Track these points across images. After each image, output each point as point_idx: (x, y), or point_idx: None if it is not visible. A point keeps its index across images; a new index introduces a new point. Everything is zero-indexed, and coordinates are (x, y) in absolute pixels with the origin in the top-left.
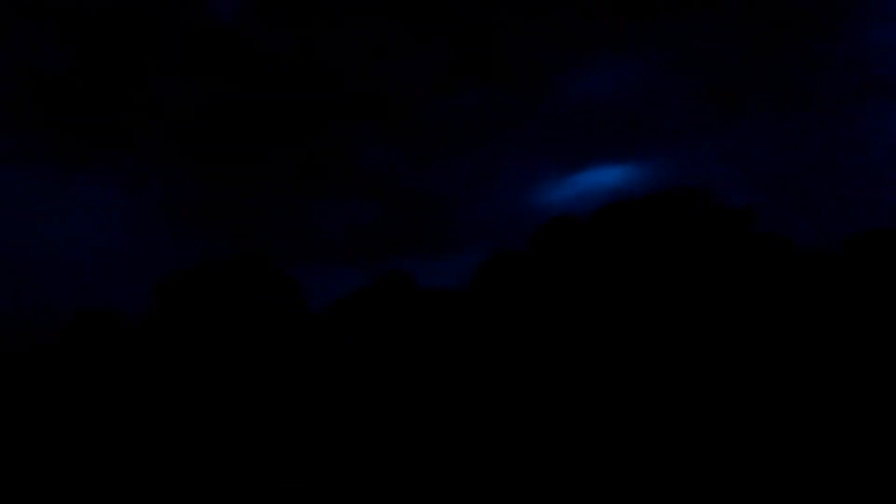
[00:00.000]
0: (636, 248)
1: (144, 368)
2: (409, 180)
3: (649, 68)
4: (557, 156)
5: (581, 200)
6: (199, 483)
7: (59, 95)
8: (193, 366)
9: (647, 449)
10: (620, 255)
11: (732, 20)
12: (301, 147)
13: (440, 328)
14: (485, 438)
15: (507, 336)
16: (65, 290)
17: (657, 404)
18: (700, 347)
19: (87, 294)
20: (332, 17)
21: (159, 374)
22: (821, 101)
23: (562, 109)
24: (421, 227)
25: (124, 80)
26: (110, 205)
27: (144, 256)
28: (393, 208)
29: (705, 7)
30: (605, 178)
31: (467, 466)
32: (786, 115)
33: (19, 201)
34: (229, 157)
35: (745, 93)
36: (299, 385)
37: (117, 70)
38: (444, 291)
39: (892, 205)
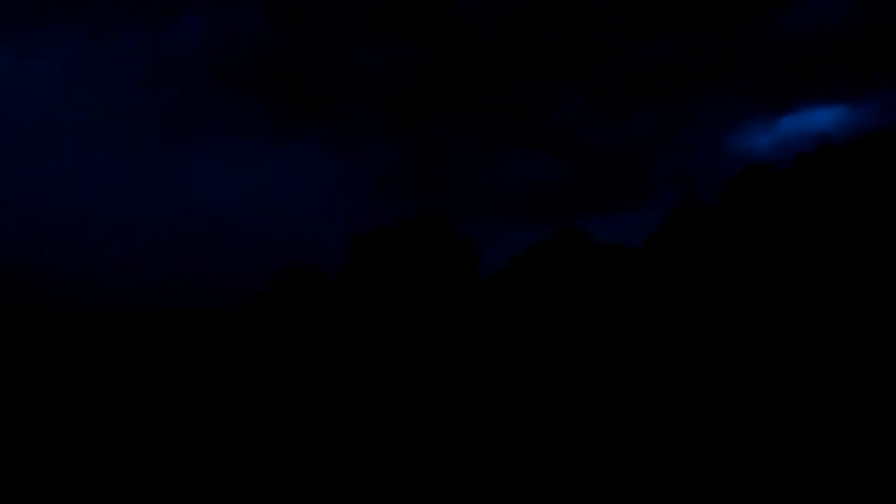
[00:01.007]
0: (843, 201)
1: (337, 321)
2: (597, 133)
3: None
4: (762, 97)
5: (786, 146)
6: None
7: (271, 66)
8: (378, 322)
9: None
10: (824, 208)
11: None
12: (488, 106)
13: (612, 286)
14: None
15: (681, 299)
16: (274, 247)
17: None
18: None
19: (293, 250)
20: None
21: (349, 328)
22: None
23: (768, 47)
24: (606, 183)
25: (331, 51)
26: (316, 167)
27: (345, 215)
28: (578, 163)
29: None
30: (815, 120)
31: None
32: None
33: (236, 166)
34: (422, 120)
35: None
36: (468, 345)
37: (324, 41)
38: (621, 247)
39: None
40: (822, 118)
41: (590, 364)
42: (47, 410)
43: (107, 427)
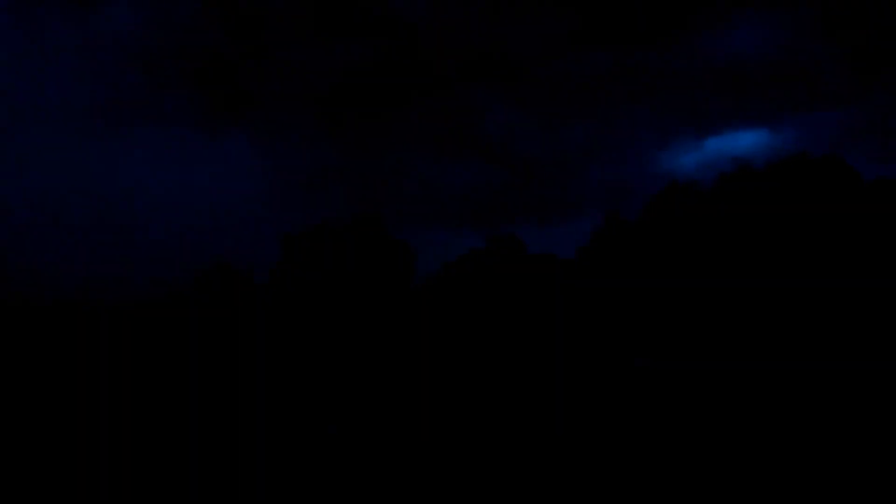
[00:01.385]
0: (759, 220)
1: (262, 321)
2: (529, 144)
3: (795, 27)
4: (689, 117)
5: (710, 167)
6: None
7: (202, 58)
8: (307, 325)
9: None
10: (741, 227)
11: None
12: (422, 111)
13: (547, 296)
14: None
15: (609, 311)
16: (197, 242)
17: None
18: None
19: (218, 247)
20: None
21: (278, 330)
22: None
23: (697, 67)
24: (537, 192)
25: (258, 46)
26: (243, 164)
27: (271, 215)
28: (510, 172)
29: None
30: (737, 142)
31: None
32: None
33: (159, 157)
34: (354, 121)
35: (891, 60)
36: (400, 349)
37: (251, 35)
38: (552, 258)
39: None
40: (745, 140)
41: (526, 372)
42: None
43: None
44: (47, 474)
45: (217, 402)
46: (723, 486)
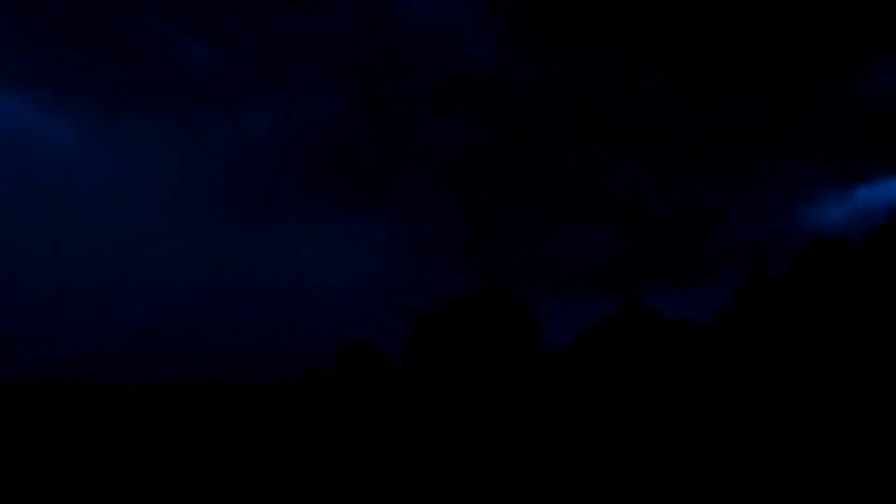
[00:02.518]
0: None
1: (400, 397)
2: (657, 205)
3: None
4: (834, 167)
5: (859, 219)
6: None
7: (332, 144)
8: (441, 398)
9: None
10: None
11: None
12: (548, 178)
13: (685, 364)
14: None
15: (760, 376)
16: (335, 322)
17: None
18: None
19: (355, 326)
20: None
21: (411, 404)
22: None
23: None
24: (668, 255)
25: (390, 126)
26: (379, 243)
27: (405, 290)
28: (638, 235)
29: None
30: (890, 191)
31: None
32: None
33: (306, 243)
34: (484, 194)
35: None
36: (531, 423)
37: (384, 116)
38: (690, 324)
39: None
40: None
41: (660, 441)
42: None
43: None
44: None
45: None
46: None
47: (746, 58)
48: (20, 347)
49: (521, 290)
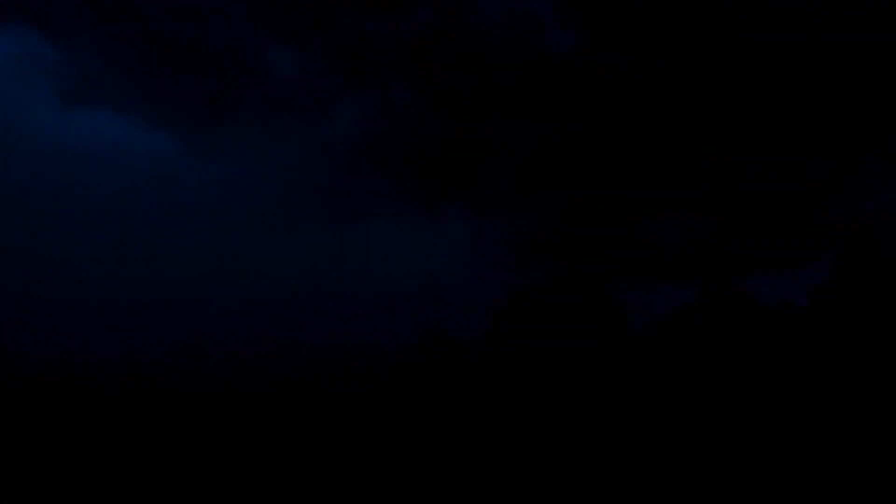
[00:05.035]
0: None
1: (481, 392)
2: (746, 185)
3: None
4: None
5: None
6: None
7: (413, 143)
8: (522, 389)
9: None
10: None
11: None
12: (634, 163)
13: (777, 349)
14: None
15: (855, 359)
16: (419, 317)
17: None
18: None
19: (434, 320)
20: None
21: (491, 399)
22: None
23: None
24: (765, 236)
25: (470, 122)
26: (458, 240)
27: (485, 285)
28: (728, 217)
29: None
30: None
31: None
32: None
33: (385, 242)
34: (566, 184)
35: None
36: (611, 413)
37: (464, 112)
38: (785, 307)
39: None
40: None
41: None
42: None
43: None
44: None
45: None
46: None
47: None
48: (119, 352)
49: (606, 279)
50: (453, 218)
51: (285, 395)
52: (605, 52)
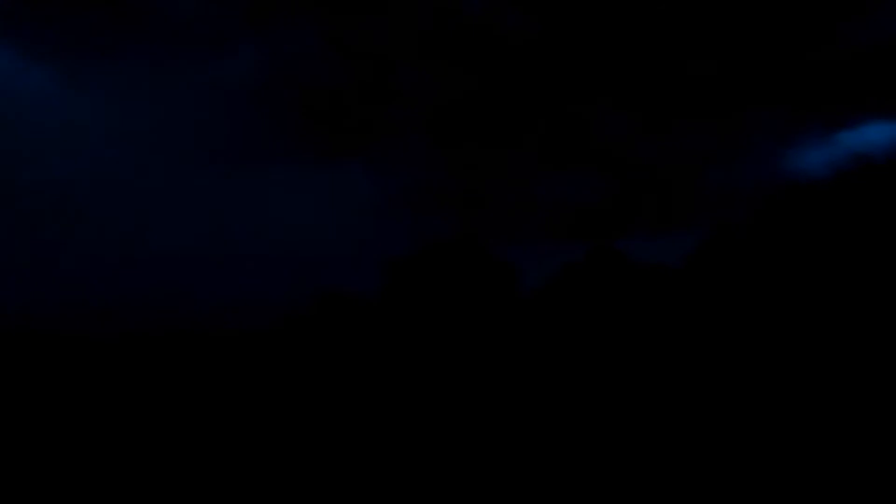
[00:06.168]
0: (882, 220)
1: (375, 343)
2: (641, 151)
3: None
4: (819, 112)
5: (841, 164)
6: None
7: (312, 90)
8: (415, 344)
9: None
10: (864, 229)
11: None
12: (534, 125)
13: (650, 307)
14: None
15: (719, 320)
16: (308, 272)
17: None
18: None
19: (334, 274)
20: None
21: (385, 354)
22: None
23: (828, 60)
24: (650, 202)
25: (374, 72)
26: (354, 192)
27: (382, 240)
28: (621, 181)
29: None
30: (873, 137)
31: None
32: None
33: (279, 191)
34: (466, 141)
35: None
36: (503, 368)
37: (368, 61)
38: (656, 268)
39: None
40: (882, 134)
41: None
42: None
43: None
44: None
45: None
46: None
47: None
48: None
49: (501, 236)
50: (353, 170)
51: (161, 348)
52: (512, 13)
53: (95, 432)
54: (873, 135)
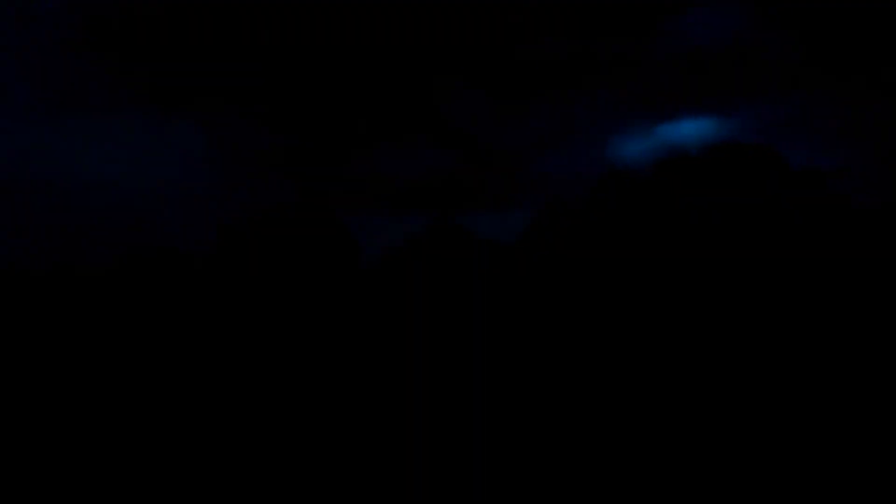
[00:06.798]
0: (694, 207)
1: (201, 306)
2: (487, 132)
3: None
4: (644, 105)
5: (660, 153)
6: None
7: (152, 47)
8: (246, 309)
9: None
10: (678, 213)
11: None
12: (385, 96)
13: (487, 279)
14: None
15: (549, 295)
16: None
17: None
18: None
19: (156, 231)
20: None
21: (214, 313)
22: None
23: (657, 54)
24: (492, 179)
25: (218, 32)
26: (191, 150)
27: (217, 199)
28: (466, 158)
29: None
30: (689, 130)
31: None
32: (879, 77)
33: (111, 143)
34: (311, 106)
35: (842, 53)
36: (342, 334)
37: (204, 16)
38: (493, 242)
39: None
40: (696, 128)
41: (458, 352)
42: None
43: None
44: None
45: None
46: None
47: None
48: None
49: (341, 204)
50: (187, 129)
51: None
52: None
53: None
54: (688, 129)
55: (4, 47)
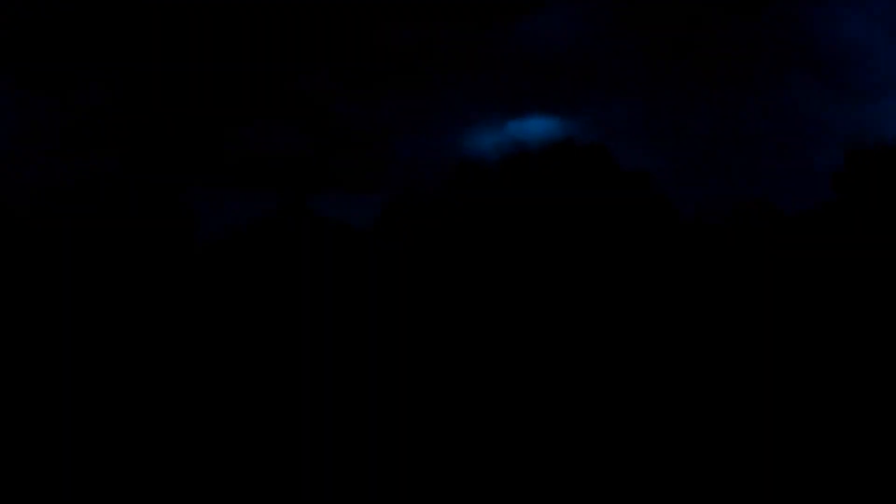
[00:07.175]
0: (532, 202)
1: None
2: (343, 113)
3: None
4: (496, 100)
5: (513, 148)
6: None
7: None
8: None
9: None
10: (517, 209)
11: None
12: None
13: (335, 265)
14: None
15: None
16: None
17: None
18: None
19: None
20: None
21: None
22: (750, 74)
23: (510, 52)
24: (341, 162)
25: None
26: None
27: (41, 165)
28: (316, 138)
29: None
30: (539, 128)
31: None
32: (716, 84)
33: None
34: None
35: (684, 58)
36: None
37: None
38: (343, 227)
39: (777, 175)
40: (542, 126)
41: (295, 343)
42: None
43: None
44: None
45: None
46: None
47: None
48: None
49: (183, 180)
50: (33, 84)
51: None
52: None
53: None
54: (535, 127)
55: None
